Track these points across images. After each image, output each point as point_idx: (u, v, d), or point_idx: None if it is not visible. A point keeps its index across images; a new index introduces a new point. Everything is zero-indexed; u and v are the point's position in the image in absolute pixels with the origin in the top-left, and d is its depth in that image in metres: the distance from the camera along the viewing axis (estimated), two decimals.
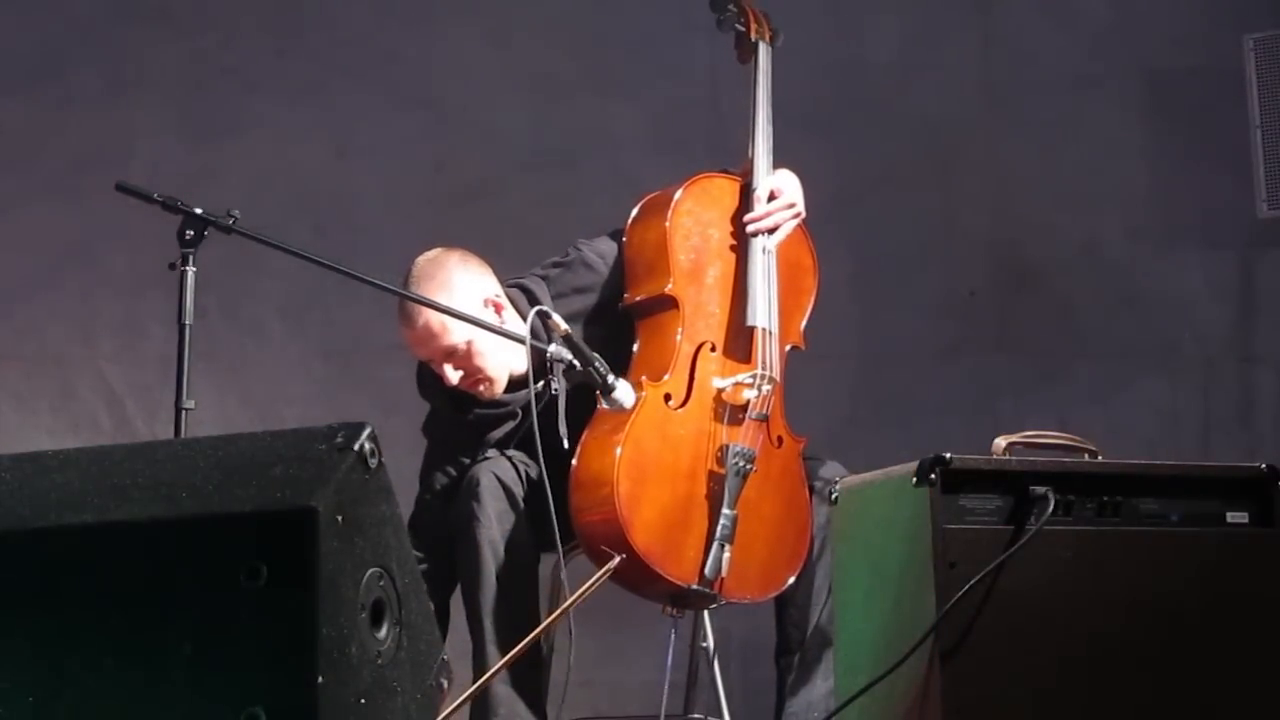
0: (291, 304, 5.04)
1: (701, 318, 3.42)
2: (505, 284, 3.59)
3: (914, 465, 2.61)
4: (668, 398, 3.32)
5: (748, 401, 3.36)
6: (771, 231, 3.47)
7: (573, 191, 4.99)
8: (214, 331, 4.68)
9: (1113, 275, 5.24)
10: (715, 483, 3.27)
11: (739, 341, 3.42)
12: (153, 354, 4.77)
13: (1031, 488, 2.61)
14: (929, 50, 5.30)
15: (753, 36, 3.64)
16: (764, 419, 3.37)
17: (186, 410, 3.08)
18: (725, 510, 3.23)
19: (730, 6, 3.66)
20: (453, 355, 3.46)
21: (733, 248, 3.48)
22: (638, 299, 3.47)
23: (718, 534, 3.21)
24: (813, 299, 3.58)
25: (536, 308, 3.30)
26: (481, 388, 3.50)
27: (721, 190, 3.54)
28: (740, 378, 3.37)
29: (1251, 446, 5.00)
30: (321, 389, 5.03)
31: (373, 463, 2.31)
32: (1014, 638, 2.56)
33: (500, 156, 5.13)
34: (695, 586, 3.21)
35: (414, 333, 3.47)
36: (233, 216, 3.14)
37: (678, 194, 3.46)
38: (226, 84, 5.15)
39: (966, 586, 2.53)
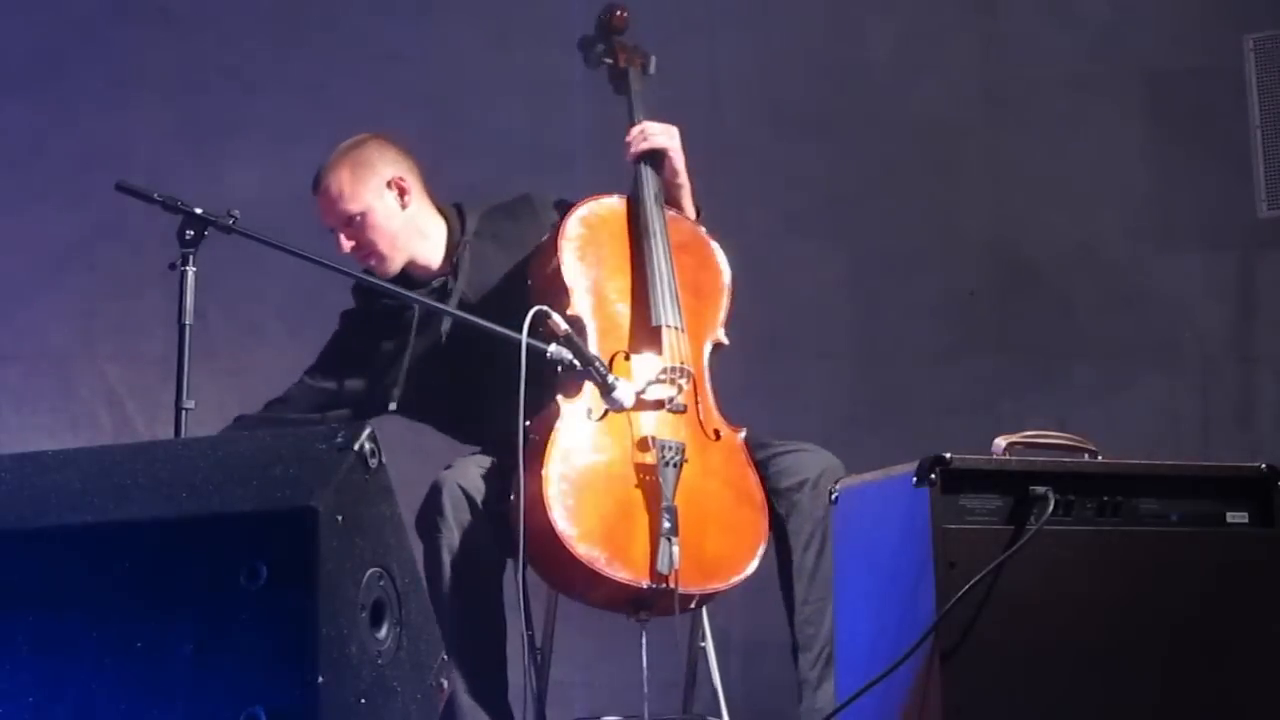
0: (291, 304, 5.04)
1: (611, 330, 3.47)
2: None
3: (914, 465, 2.61)
4: (589, 412, 3.35)
5: (668, 397, 3.39)
6: (651, 151, 3.60)
7: (573, 191, 4.98)
8: (214, 331, 4.67)
9: (1112, 275, 5.23)
10: (650, 480, 3.29)
11: (650, 344, 3.45)
12: (153, 354, 4.76)
13: (1031, 488, 2.60)
14: (929, 50, 5.29)
15: (622, 64, 3.81)
16: (682, 410, 3.39)
17: (186, 410, 3.08)
18: (664, 504, 3.24)
19: (597, 46, 3.82)
20: (350, 224, 3.61)
21: (629, 259, 3.54)
22: None
23: (662, 529, 3.23)
24: (726, 295, 3.59)
25: (536, 308, 3.29)
26: (372, 261, 3.65)
27: (608, 209, 3.63)
28: (652, 375, 3.40)
29: (1251, 446, 4.99)
30: None
31: (373, 463, 2.31)
32: (1014, 638, 2.56)
33: (500, 156, 5.13)
34: (649, 584, 3.22)
35: (321, 197, 3.63)
36: (233, 216, 3.15)
37: (565, 221, 3.55)
38: (226, 84, 5.14)
39: (966, 586, 2.52)
